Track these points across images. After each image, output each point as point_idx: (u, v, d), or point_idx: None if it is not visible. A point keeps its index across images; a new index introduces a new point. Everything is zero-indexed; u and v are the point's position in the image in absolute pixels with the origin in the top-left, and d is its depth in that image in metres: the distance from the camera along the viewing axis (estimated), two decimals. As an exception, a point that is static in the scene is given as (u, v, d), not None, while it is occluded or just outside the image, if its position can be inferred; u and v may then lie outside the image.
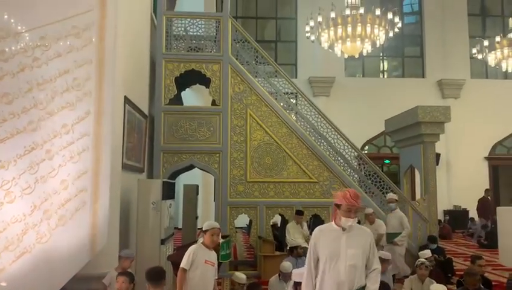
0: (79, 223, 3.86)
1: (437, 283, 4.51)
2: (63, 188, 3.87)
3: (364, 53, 11.11)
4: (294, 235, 6.95)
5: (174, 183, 6.85)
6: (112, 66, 4.14)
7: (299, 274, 3.51)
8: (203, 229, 3.71)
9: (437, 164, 10.71)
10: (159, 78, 7.47)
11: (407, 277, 5.46)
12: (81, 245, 3.86)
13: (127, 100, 5.50)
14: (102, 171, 4.01)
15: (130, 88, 5.68)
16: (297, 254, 6.04)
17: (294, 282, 3.56)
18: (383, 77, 16.59)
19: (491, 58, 11.78)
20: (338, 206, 2.89)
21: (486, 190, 13.03)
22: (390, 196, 7.37)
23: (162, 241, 5.41)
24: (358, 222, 3.63)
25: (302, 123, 8.29)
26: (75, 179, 3.90)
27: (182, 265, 3.52)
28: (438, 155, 11.94)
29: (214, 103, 7.87)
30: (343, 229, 2.87)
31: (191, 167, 7.95)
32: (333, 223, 2.95)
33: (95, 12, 4.12)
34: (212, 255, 3.66)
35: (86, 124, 3.99)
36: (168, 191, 5.80)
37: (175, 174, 7.93)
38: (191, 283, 3.52)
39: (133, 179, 5.82)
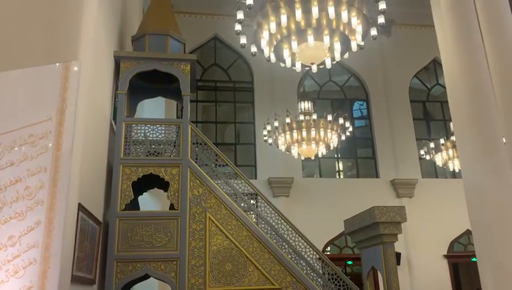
0: None
1: None
2: (2, 307, 3.54)
3: (320, 155, 11.60)
4: None
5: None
6: (68, 173, 4.05)
7: None
8: None
9: (398, 264, 10.70)
10: (115, 183, 7.34)
11: None
12: None
13: (81, 207, 5.31)
14: (48, 287, 3.71)
15: (85, 195, 5.53)
16: None
17: None
18: (339, 177, 17.11)
19: (438, 159, 12.56)
20: None
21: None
22: None
23: None
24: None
25: (263, 225, 8.21)
26: (17, 297, 3.58)
27: None
28: (398, 254, 11.99)
29: (172, 207, 7.73)
30: None
31: (146, 277, 7.51)
32: None
33: (53, 121, 4.13)
34: None
35: (35, 234, 3.77)
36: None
37: (129, 285, 7.44)
38: None
39: (82, 293, 5.41)
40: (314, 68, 6.99)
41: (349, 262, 15.07)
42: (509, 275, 5.63)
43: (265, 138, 12.06)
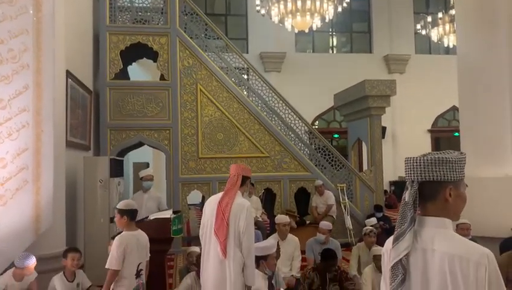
0: (20, 202, 3.68)
1: (383, 249, 4.69)
2: (1, 166, 3.67)
3: (314, 28, 11.19)
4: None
5: (122, 160, 6.67)
6: (51, 37, 3.90)
7: (260, 248, 3.48)
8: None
9: (383, 137, 11.09)
10: (103, 51, 7.15)
11: None
12: (24, 225, 3.69)
13: (69, 74, 5.23)
14: (44, 148, 3.82)
15: (72, 62, 5.41)
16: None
17: (256, 257, 3.23)
18: (333, 52, 16.82)
19: (434, 34, 12.24)
20: (248, 178, 3.17)
21: None
22: (146, 171, 5.88)
23: (111, 220, 5.27)
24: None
25: (254, 98, 8.28)
26: (14, 157, 3.70)
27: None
28: (384, 128, 12.37)
29: (162, 78, 7.66)
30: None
31: (140, 144, 7.76)
32: (239, 193, 3.10)
33: (30, -21, 3.84)
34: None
35: (24, 98, 3.76)
36: (116, 169, 5.64)
37: (123, 152, 7.71)
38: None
39: (78, 157, 5.61)
40: None
41: (336, 135, 15.61)
42: (489, 147, 5.86)
43: (258, 8, 11.48)
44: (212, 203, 3.12)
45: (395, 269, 1.32)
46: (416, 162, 1.32)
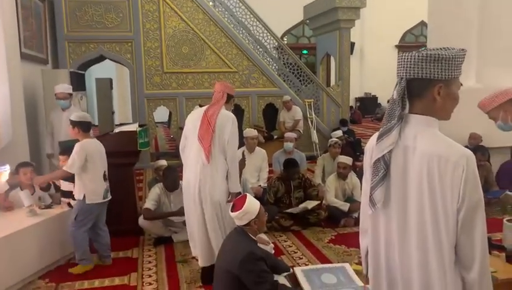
0: (-24, 116, 3.53)
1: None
2: (-51, 78, 3.45)
3: None
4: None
5: (84, 74, 6.39)
6: None
7: None
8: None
9: (351, 53, 11.02)
10: (53, -47, 6.54)
11: None
12: (-18, 140, 3.56)
13: (16, -22, 4.78)
14: (-4, 59, 3.58)
15: (19, -36, 4.92)
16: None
17: None
18: (303, -38, 16.02)
19: None
20: (232, 97, 3.22)
21: None
22: (59, 88, 4.62)
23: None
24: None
25: (220, 9, 7.92)
26: (-38, 68, 3.47)
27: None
28: (352, 44, 12.25)
29: (121, -15, 7.15)
30: None
31: (101, 58, 7.42)
32: (224, 108, 3.11)
33: None
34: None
35: (-34, 3, 3.45)
36: (78, 83, 5.41)
37: (84, 66, 7.38)
38: None
39: (36, 70, 5.33)
40: None
41: (305, 52, 15.39)
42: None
43: None
44: (195, 114, 3.12)
45: (377, 165, 1.31)
46: (407, 58, 1.26)
